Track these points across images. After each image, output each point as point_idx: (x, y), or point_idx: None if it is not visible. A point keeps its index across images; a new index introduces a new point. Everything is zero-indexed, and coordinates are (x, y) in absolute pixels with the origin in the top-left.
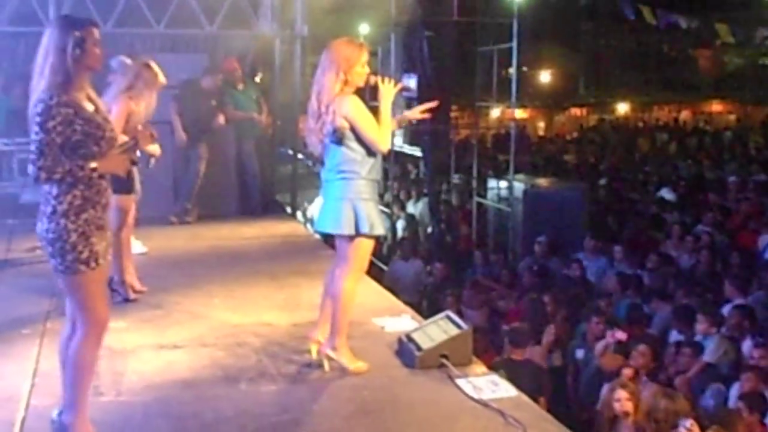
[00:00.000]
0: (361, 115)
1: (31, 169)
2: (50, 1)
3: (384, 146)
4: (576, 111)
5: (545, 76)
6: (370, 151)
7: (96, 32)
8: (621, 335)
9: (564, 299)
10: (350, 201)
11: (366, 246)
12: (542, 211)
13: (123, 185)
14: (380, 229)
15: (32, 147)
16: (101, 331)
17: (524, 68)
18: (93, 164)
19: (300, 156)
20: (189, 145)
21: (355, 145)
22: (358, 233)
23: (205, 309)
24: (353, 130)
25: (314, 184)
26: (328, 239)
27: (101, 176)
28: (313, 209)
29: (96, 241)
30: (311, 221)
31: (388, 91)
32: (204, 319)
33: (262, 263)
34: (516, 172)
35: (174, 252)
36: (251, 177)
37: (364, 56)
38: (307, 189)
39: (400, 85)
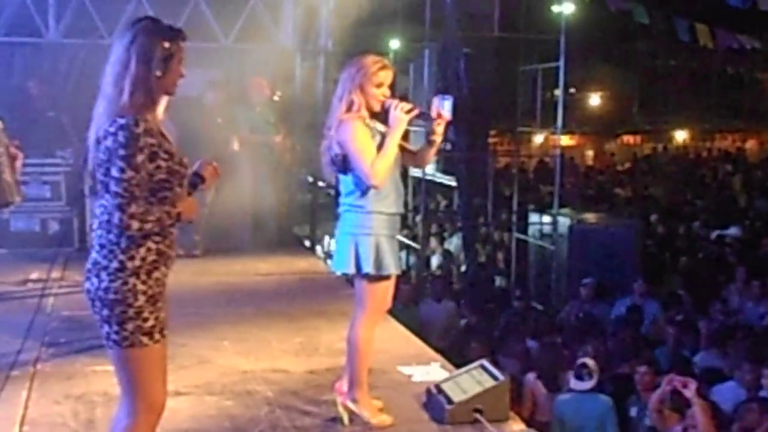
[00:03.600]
0: (356, 143)
1: (117, 216)
2: (50, 10)
3: (375, 180)
4: (629, 138)
5: (595, 100)
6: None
7: (183, 48)
8: (681, 382)
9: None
10: (353, 237)
11: (377, 287)
12: (590, 250)
13: None
14: (392, 269)
15: (116, 188)
16: (155, 419)
17: (571, 90)
18: (178, 211)
19: (321, 184)
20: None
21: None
22: (359, 272)
23: (212, 353)
24: (346, 158)
25: (336, 215)
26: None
27: (174, 224)
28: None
29: (162, 306)
30: (332, 257)
31: (399, 118)
32: (211, 364)
33: (277, 303)
34: (561, 205)
35: (179, 288)
36: (266, 207)
37: (383, 75)
38: (328, 221)
39: (415, 112)
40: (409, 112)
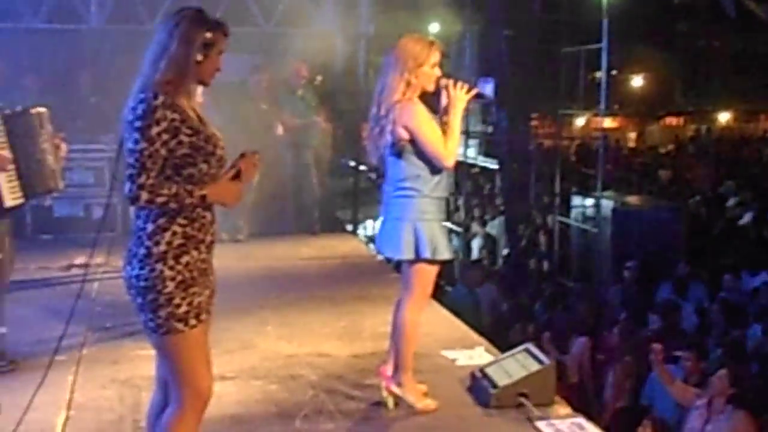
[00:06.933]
0: (424, 126)
1: (127, 187)
2: None
3: (449, 162)
4: (671, 120)
5: (637, 81)
6: (435, 166)
7: (224, 42)
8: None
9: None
10: (411, 222)
11: (429, 272)
12: (633, 233)
13: None
14: (445, 254)
15: (129, 159)
16: (202, 405)
17: (613, 72)
18: (203, 191)
19: (362, 168)
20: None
21: (416, 158)
22: (418, 258)
23: (257, 337)
24: (414, 142)
25: (378, 198)
26: (393, 261)
27: (207, 208)
28: (377, 227)
29: (198, 291)
30: (374, 240)
31: (459, 98)
32: (256, 349)
33: (320, 287)
34: (604, 188)
35: (223, 273)
36: (309, 191)
37: (435, 56)
38: (370, 204)
39: (474, 91)
40: (468, 91)
